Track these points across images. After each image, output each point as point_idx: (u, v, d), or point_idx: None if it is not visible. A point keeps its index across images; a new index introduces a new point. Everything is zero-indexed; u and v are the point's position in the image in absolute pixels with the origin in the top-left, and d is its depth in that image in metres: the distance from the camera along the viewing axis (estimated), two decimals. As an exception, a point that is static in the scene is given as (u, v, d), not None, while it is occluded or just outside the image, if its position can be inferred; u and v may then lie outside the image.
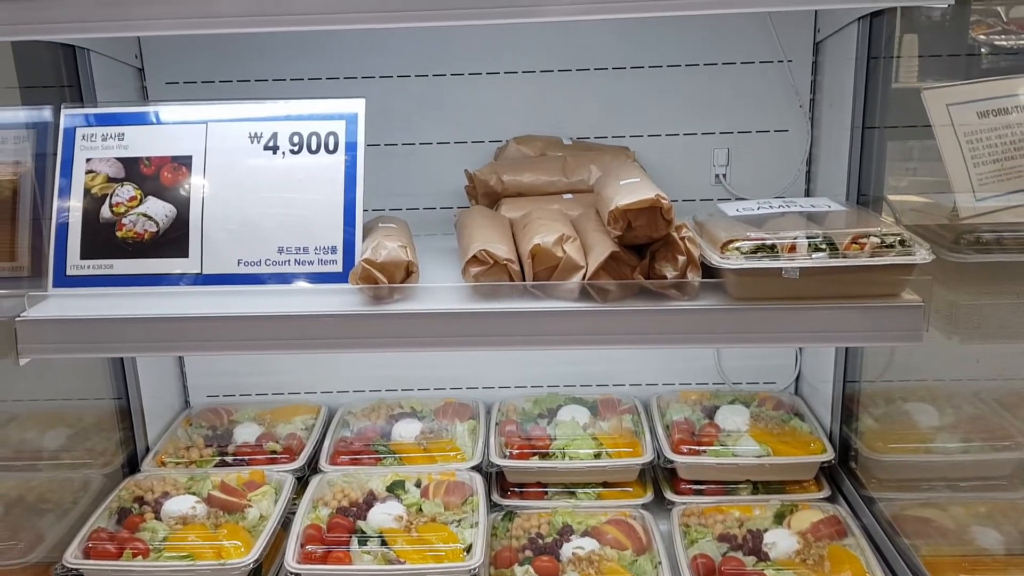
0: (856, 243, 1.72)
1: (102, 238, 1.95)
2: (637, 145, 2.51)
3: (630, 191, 1.78)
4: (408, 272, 1.83)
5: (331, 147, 1.98)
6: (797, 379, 2.72)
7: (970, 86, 1.96)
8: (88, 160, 1.99)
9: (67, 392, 2.43)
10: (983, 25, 2.08)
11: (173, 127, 2.01)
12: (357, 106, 2.00)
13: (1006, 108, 1.94)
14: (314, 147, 1.98)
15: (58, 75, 2.29)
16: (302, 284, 1.89)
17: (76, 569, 2.04)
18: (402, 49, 2.49)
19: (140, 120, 2.03)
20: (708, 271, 1.77)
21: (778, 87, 2.47)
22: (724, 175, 2.53)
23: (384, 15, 1.67)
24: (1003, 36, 2.08)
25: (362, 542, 2.05)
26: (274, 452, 2.45)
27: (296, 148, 1.98)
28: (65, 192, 1.97)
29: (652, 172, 2.42)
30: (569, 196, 2.29)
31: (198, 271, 1.93)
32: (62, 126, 2.01)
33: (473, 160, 2.52)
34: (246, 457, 2.44)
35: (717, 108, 2.49)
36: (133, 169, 1.98)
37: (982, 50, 2.09)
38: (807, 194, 2.53)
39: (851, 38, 2.20)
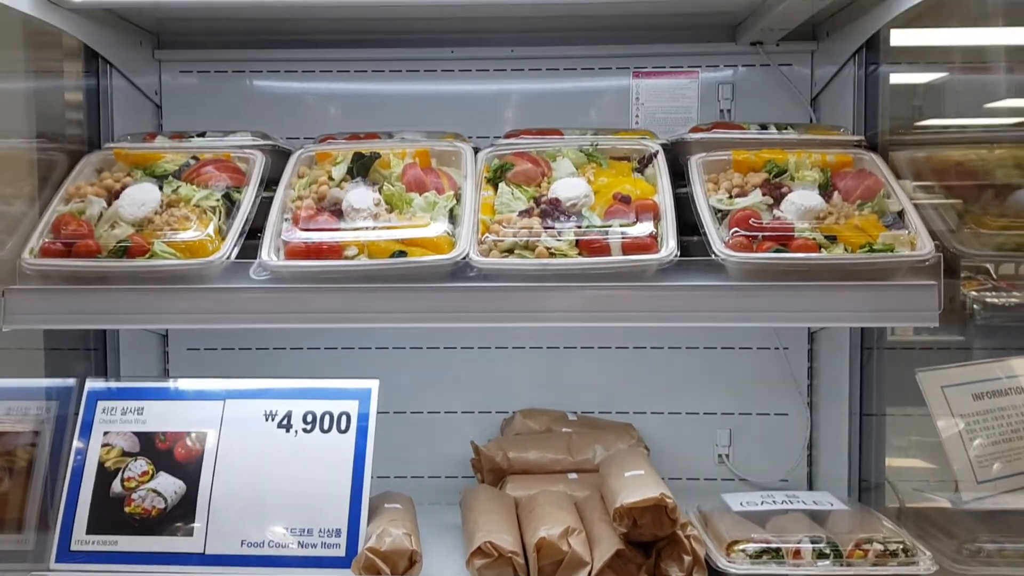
0: (860, 548, 1.73)
1: (110, 513, 1.96)
2: (640, 422, 2.56)
3: (635, 487, 1.81)
4: (412, 562, 1.83)
5: (343, 427, 2.03)
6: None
7: (964, 369, 2.03)
8: (106, 433, 2.04)
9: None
10: (974, 281, 2.14)
11: (191, 403, 2.08)
12: (371, 384, 2.07)
13: (1002, 390, 2.00)
14: (326, 426, 2.03)
15: (84, 339, 2.40)
16: (304, 571, 1.88)
17: None
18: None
19: (160, 395, 2.11)
20: (713, 570, 1.77)
21: (776, 372, 2.54)
22: (727, 455, 2.55)
23: (398, 316, 1.78)
24: (993, 293, 2.15)
25: None
26: None
27: (309, 427, 2.03)
28: (79, 466, 2.00)
29: (655, 449, 2.46)
30: (574, 476, 2.31)
31: (201, 551, 1.92)
32: (85, 396, 2.08)
33: (480, 429, 2.57)
34: None
35: (718, 389, 2.56)
36: (148, 444, 2.03)
37: (975, 306, 2.15)
38: (809, 477, 2.54)
39: (844, 330, 2.31)
